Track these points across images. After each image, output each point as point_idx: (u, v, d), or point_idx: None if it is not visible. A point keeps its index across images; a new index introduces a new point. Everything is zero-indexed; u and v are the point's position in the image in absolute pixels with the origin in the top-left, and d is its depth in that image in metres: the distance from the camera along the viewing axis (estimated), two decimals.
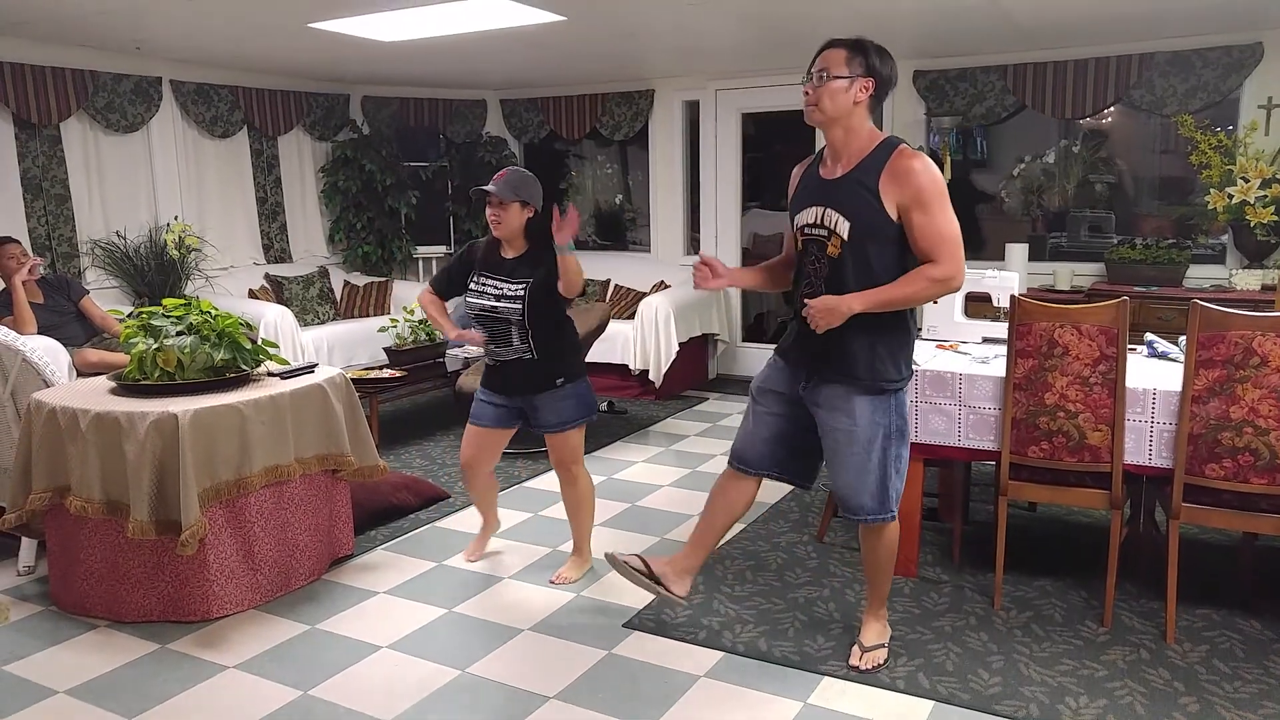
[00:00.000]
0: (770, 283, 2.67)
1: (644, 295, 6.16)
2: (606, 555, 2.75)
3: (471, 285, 3.02)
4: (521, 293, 2.91)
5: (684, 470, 4.43)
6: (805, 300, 2.37)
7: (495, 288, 2.96)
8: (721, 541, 2.91)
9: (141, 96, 5.43)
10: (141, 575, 2.86)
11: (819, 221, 2.37)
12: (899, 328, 2.38)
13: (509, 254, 2.99)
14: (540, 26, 4.59)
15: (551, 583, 3.15)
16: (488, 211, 2.94)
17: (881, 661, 2.58)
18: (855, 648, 2.62)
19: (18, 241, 4.47)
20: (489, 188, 2.89)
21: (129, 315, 3.21)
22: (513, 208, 2.91)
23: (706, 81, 6.36)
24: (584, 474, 3.14)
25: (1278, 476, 2.49)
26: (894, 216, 2.29)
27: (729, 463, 2.66)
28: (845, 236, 2.32)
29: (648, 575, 2.68)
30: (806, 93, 2.34)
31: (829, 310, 2.29)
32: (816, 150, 2.53)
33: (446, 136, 6.86)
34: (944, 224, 2.27)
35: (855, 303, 2.28)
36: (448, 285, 3.12)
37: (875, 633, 2.64)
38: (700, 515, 2.75)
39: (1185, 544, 3.07)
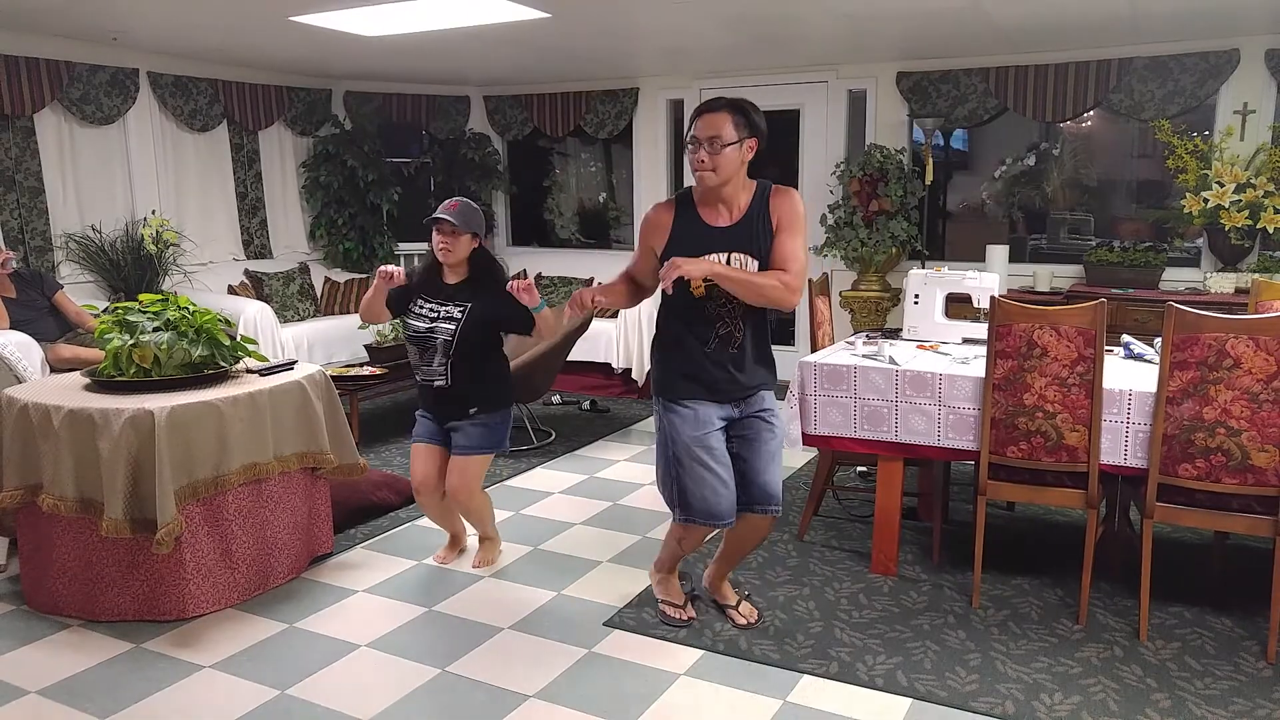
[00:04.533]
0: (629, 299, 2.76)
1: None
2: (679, 624, 2.80)
3: (411, 308, 3.07)
4: (458, 315, 2.99)
5: None
6: (715, 335, 2.58)
7: (433, 311, 3.03)
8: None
9: (118, 88, 5.36)
10: (116, 574, 2.83)
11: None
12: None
13: (450, 279, 3.06)
14: (525, 23, 4.58)
15: (474, 568, 3.26)
16: (437, 239, 2.99)
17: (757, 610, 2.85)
18: (732, 611, 2.83)
19: None
20: (443, 215, 2.95)
21: (104, 310, 3.18)
22: (464, 238, 3.00)
23: (691, 80, 6.36)
24: (480, 499, 3.18)
25: (1249, 476, 2.52)
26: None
27: (702, 523, 2.59)
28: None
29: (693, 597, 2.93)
30: (700, 160, 2.44)
31: (691, 267, 2.40)
32: (683, 189, 2.68)
33: (430, 133, 6.83)
34: (801, 249, 2.51)
35: (717, 268, 2.44)
36: (396, 302, 3.12)
37: (734, 591, 2.92)
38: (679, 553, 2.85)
39: (1158, 543, 3.11)
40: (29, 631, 2.80)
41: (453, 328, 2.99)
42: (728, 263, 2.49)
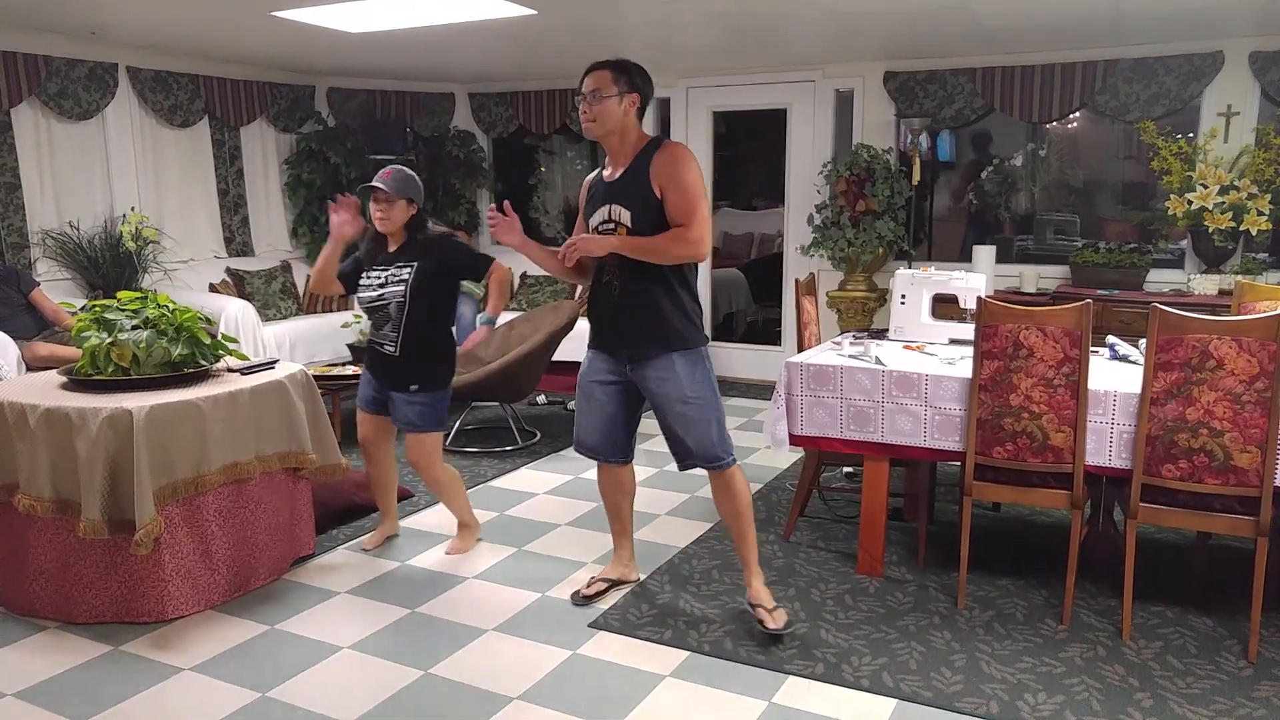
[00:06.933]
0: (554, 267, 2.79)
1: None
2: (578, 600, 2.95)
3: (361, 280, 3.18)
4: (406, 277, 3.07)
5: (652, 469, 4.41)
6: (609, 287, 2.69)
7: (379, 278, 3.11)
8: (635, 525, 3.19)
9: (96, 83, 5.29)
10: (93, 575, 2.79)
11: (608, 217, 2.67)
12: (690, 300, 2.70)
13: (391, 247, 3.15)
14: (510, 20, 4.55)
15: (446, 554, 3.33)
16: (373, 208, 3.08)
17: (787, 615, 2.76)
18: (762, 611, 2.71)
19: None
20: (377, 184, 3.03)
21: (81, 308, 3.14)
22: (399, 204, 3.07)
23: (677, 79, 6.35)
24: (442, 473, 3.29)
25: (1231, 477, 2.54)
26: (659, 197, 2.60)
27: (576, 450, 2.95)
28: (629, 225, 2.63)
29: (613, 584, 3.03)
30: (584, 111, 2.65)
31: (591, 242, 2.61)
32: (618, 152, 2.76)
33: (414, 130, 6.78)
34: (696, 202, 2.59)
35: (613, 241, 2.60)
36: (348, 278, 3.25)
37: (768, 591, 2.82)
38: (605, 511, 3.06)
39: (1141, 543, 3.12)
40: (5, 634, 2.76)
41: (402, 289, 3.06)
42: (610, 215, 2.66)
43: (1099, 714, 2.32)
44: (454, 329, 3.29)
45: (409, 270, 3.06)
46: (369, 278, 3.14)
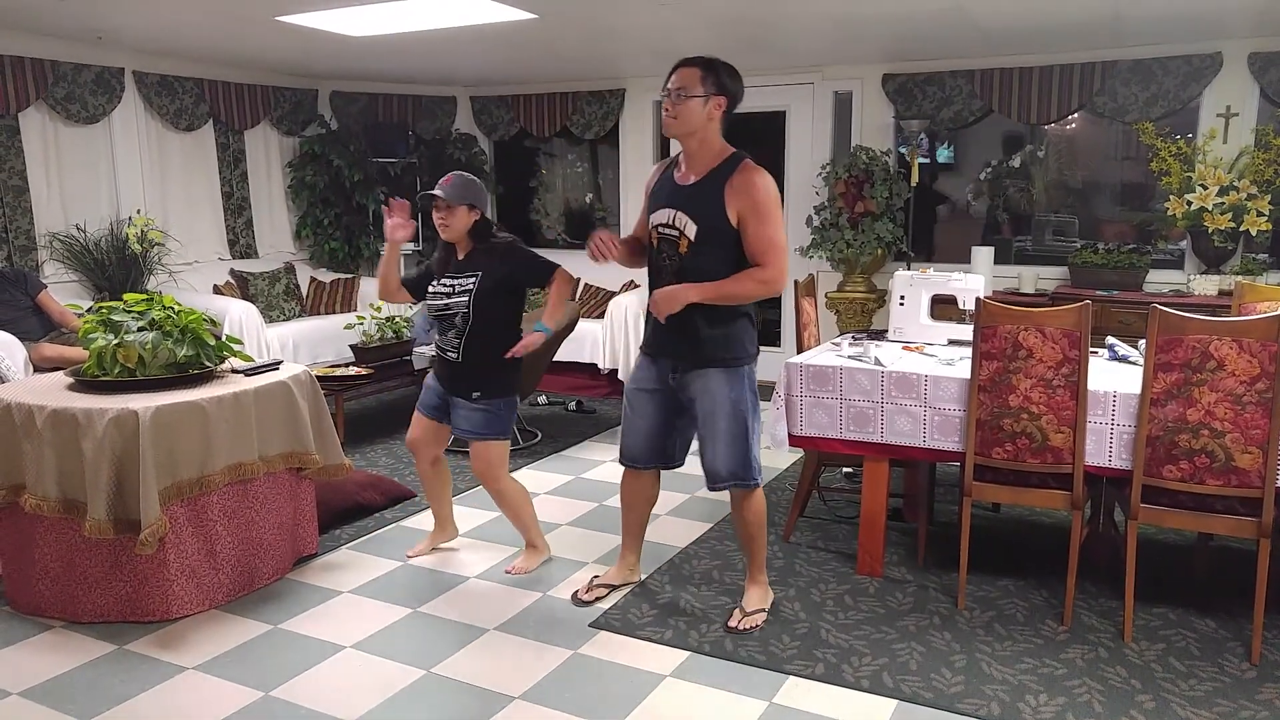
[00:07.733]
0: (629, 258, 2.84)
1: (614, 294, 6.16)
2: (578, 601, 2.97)
3: (431, 288, 3.14)
4: (470, 286, 3.03)
5: None
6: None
7: (448, 285, 3.08)
8: (648, 530, 3.17)
9: (103, 87, 5.32)
10: (99, 575, 2.81)
11: (671, 222, 2.63)
12: (740, 316, 2.68)
13: (460, 255, 3.11)
14: (512, 24, 4.57)
15: (507, 572, 3.22)
16: (435, 216, 3.04)
17: (759, 624, 2.79)
18: (736, 611, 2.83)
19: None
20: (436, 192, 3.00)
21: (88, 310, 3.16)
22: (459, 211, 3.02)
23: None
24: (509, 485, 3.21)
25: (1232, 478, 2.54)
26: (734, 222, 2.56)
27: (620, 461, 2.93)
28: (692, 237, 2.59)
29: (614, 589, 3.05)
30: (666, 108, 2.58)
31: (669, 298, 2.58)
32: (674, 155, 2.77)
33: (416, 133, 6.81)
34: (774, 234, 2.56)
35: (691, 293, 2.57)
36: (414, 285, 3.24)
37: (758, 598, 2.87)
38: (622, 515, 3.05)
39: (1143, 544, 3.13)
40: (11, 633, 2.78)
41: (466, 299, 3.02)
42: (673, 221, 2.62)
43: (1101, 716, 2.33)
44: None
45: (473, 280, 3.01)
46: (439, 285, 3.08)
